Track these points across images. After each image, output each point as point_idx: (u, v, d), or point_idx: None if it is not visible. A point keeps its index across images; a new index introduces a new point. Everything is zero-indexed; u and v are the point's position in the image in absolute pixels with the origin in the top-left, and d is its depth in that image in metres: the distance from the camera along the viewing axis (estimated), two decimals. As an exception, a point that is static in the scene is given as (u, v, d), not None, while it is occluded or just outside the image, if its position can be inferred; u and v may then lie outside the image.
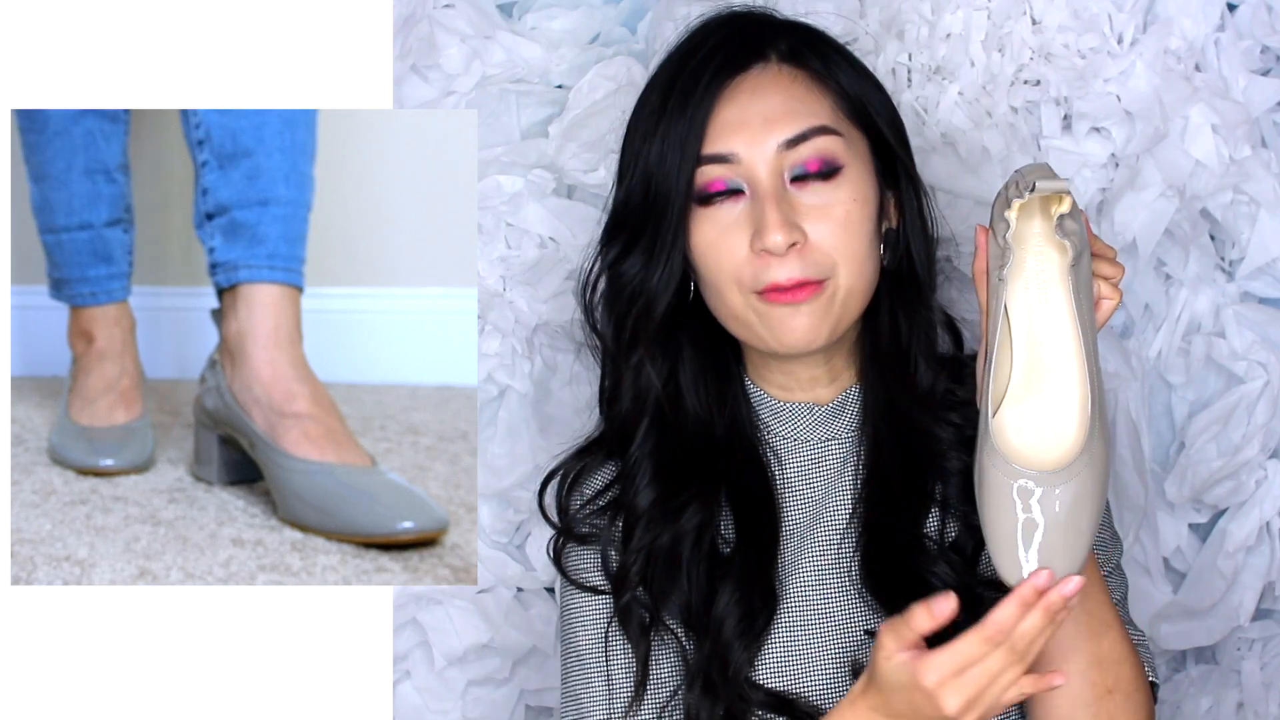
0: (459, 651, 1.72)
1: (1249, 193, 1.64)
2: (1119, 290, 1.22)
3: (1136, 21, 1.66)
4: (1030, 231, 1.19)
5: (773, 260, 1.26)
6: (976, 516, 1.29)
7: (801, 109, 1.28)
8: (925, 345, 1.34)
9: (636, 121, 1.33)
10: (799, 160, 1.27)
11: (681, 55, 1.32)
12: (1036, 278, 1.19)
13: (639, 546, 1.32)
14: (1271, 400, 1.65)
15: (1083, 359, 1.17)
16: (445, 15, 1.73)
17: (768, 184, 1.26)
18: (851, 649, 1.32)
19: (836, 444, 1.36)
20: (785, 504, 1.36)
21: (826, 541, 1.34)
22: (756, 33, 1.32)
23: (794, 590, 1.33)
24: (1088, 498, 1.15)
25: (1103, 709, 1.24)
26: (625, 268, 1.32)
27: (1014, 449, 1.16)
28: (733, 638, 1.29)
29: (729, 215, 1.28)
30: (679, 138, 1.28)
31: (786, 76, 1.29)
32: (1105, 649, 1.23)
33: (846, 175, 1.28)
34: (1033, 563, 1.14)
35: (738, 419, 1.36)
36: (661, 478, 1.34)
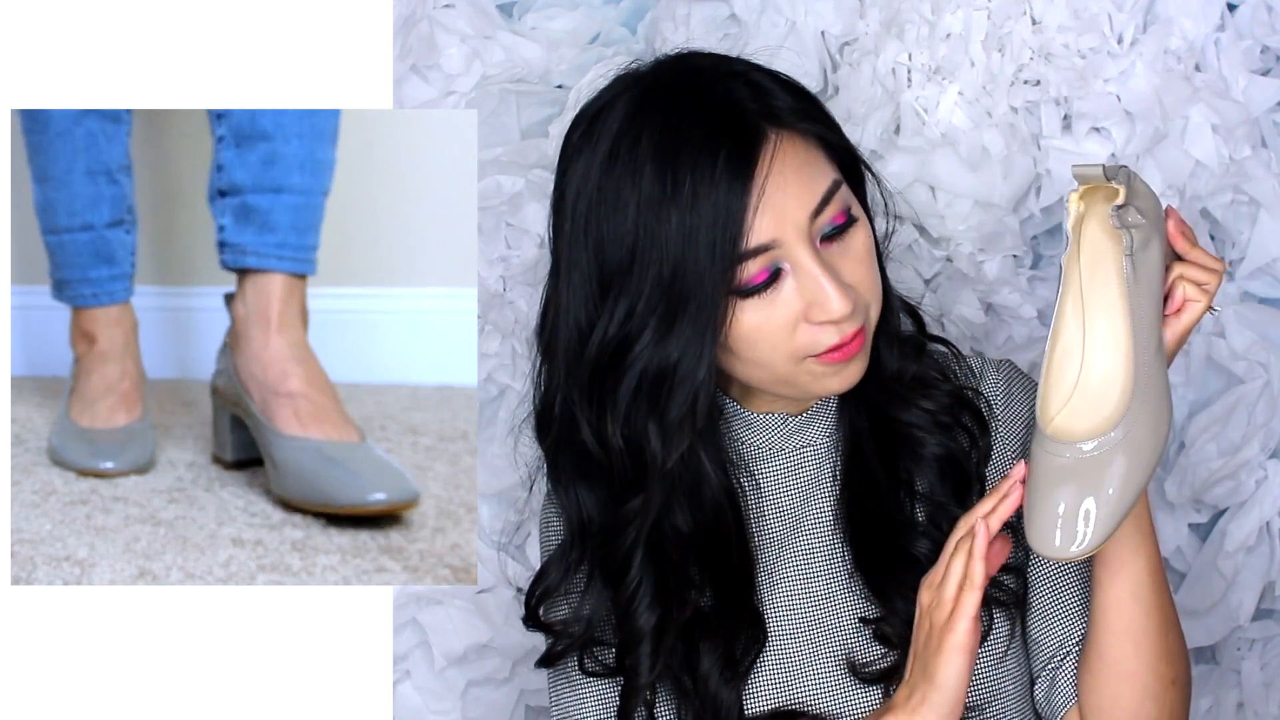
0: (459, 651, 1.73)
1: (1249, 193, 1.64)
2: (1206, 294, 1.21)
3: (1136, 21, 1.66)
4: (1087, 221, 1.21)
5: (831, 326, 1.23)
6: (956, 510, 1.31)
7: (813, 174, 1.24)
8: (886, 327, 1.33)
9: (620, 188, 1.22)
10: (825, 222, 1.24)
11: (667, 128, 1.22)
12: (1091, 267, 1.21)
13: (652, 674, 1.30)
14: (1271, 400, 1.65)
15: (1131, 349, 1.18)
16: (445, 15, 1.73)
17: (811, 259, 1.22)
18: (844, 641, 1.32)
19: (811, 450, 1.36)
20: (763, 516, 1.35)
21: (809, 544, 1.34)
22: (731, 98, 1.23)
23: (779, 598, 1.33)
24: (1121, 478, 1.17)
25: (1166, 699, 1.27)
26: (669, 348, 1.22)
27: (1056, 425, 1.19)
28: (719, 687, 1.30)
29: (774, 298, 1.23)
30: (711, 235, 1.20)
31: (787, 143, 1.24)
32: (1172, 643, 1.27)
33: (859, 218, 1.27)
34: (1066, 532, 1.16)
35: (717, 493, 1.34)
36: (662, 597, 1.31)
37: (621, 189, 1.22)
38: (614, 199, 1.22)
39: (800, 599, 1.33)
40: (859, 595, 1.33)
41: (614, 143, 1.23)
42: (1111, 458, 1.17)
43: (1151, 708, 1.26)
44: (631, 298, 1.22)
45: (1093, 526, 1.17)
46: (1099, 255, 1.21)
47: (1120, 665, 1.25)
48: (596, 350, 1.24)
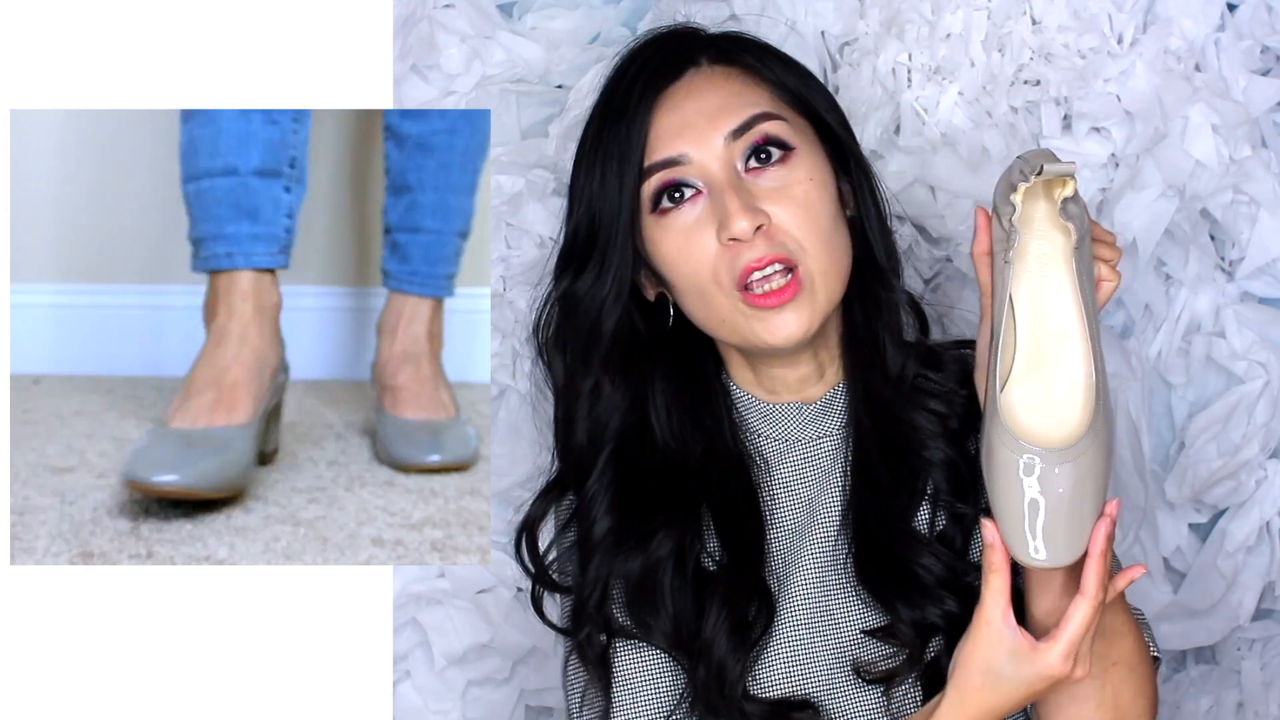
0: (459, 651, 1.73)
1: (1249, 193, 1.64)
2: (1118, 273, 1.23)
3: (1136, 21, 1.66)
4: (1035, 215, 1.21)
5: (742, 247, 1.26)
6: (963, 507, 1.31)
7: (740, 101, 1.29)
8: (890, 329, 1.34)
9: (579, 157, 1.35)
10: (747, 144, 1.28)
11: (613, 81, 1.34)
12: (1040, 260, 1.21)
13: (596, 577, 1.32)
14: (1271, 400, 1.65)
15: (1087, 339, 1.19)
16: (445, 15, 1.73)
17: (722, 176, 1.27)
18: (849, 646, 1.32)
19: (828, 441, 1.36)
20: (779, 505, 1.36)
21: (822, 539, 1.34)
22: (684, 44, 1.33)
23: (794, 589, 1.33)
24: (1092, 474, 1.17)
25: (1108, 679, 1.26)
26: (575, 288, 1.33)
27: (1021, 426, 1.18)
28: (725, 654, 1.29)
29: (689, 217, 1.28)
30: (619, 153, 1.29)
31: (720, 75, 1.30)
32: (1109, 622, 1.25)
33: (798, 157, 1.29)
34: (1038, 538, 1.16)
35: (717, 438, 1.36)
36: (620, 506, 1.33)
37: (585, 133, 1.33)
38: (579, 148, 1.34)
39: (813, 594, 1.33)
40: (864, 603, 1.33)
41: (585, 126, 1.35)
42: (1084, 463, 1.17)
43: (1090, 688, 1.25)
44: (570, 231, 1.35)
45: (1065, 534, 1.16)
46: (1049, 249, 1.21)
47: None
48: (565, 243, 1.35)
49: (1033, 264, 1.21)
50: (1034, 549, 1.17)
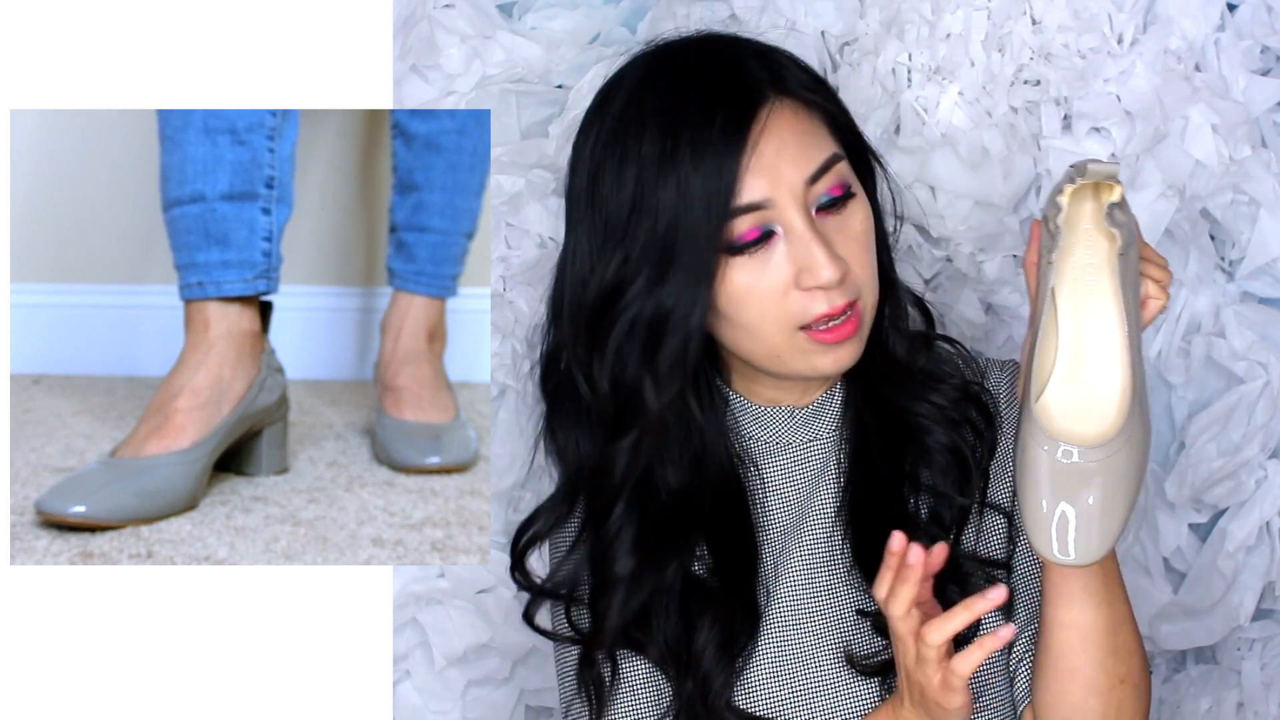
0: (459, 651, 1.73)
1: (1249, 193, 1.64)
2: (1167, 293, 1.23)
3: (1136, 21, 1.66)
4: (1081, 218, 1.21)
5: (820, 294, 1.26)
6: (959, 496, 1.32)
7: (813, 142, 1.28)
8: (895, 319, 1.34)
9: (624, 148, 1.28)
10: (821, 191, 1.27)
11: (672, 91, 1.28)
12: (1084, 263, 1.21)
13: (623, 616, 1.32)
14: (1271, 400, 1.65)
15: (1126, 344, 1.19)
16: (445, 15, 1.74)
17: (803, 223, 1.26)
18: (843, 635, 1.33)
19: (818, 444, 1.37)
20: (768, 507, 1.36)
21: (813, 536, 1.35)
22: (741, 66, 1.29)
23: (782, 590, 1.34)
24: (1124, 478, 1.17)
25: (1114, 697, 1.26)
26: (662, 296, 1.26)
27: (1057, 426, 1.18)
28: (712, 666, 1.31)
29: (765, 260, 1.26)
30: (705, 190, 1.25)
31: (789, 112, 1.28)
32: (1121, 640, 1.25)
33: (859, 199, 1.29)
34: (1068, 536, 1.16)
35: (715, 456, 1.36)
36: (642, 545, 1.33)
37: (627, 147, 1.27)
38: (619, 157, 1.27)
39: (804, 590, 1.34)
40: (859, 588, 1.33)
41: (624, 105, 1.29)
42: (1116, 462, 1.17)
43: (1096, 704, 1.25)
44: (627, 247, 1.27)
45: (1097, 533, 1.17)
46: (1093, 252, 1.21)
47: (1066, 660, 1.25)
48: (593, 295, 1.29)
49: (1076, 267, 1.21)
50: (1062, 547, 1.17)
